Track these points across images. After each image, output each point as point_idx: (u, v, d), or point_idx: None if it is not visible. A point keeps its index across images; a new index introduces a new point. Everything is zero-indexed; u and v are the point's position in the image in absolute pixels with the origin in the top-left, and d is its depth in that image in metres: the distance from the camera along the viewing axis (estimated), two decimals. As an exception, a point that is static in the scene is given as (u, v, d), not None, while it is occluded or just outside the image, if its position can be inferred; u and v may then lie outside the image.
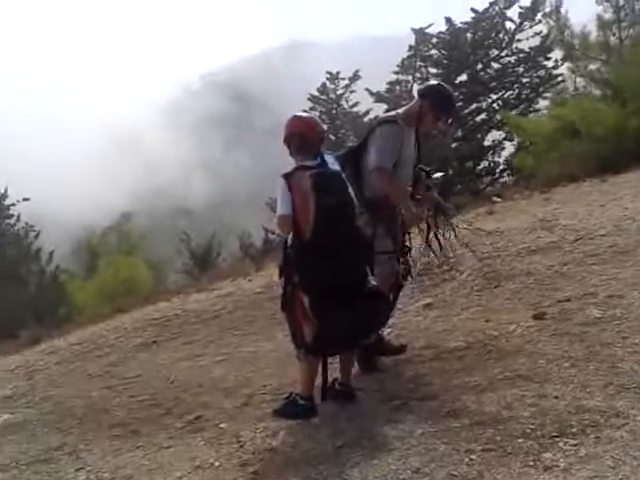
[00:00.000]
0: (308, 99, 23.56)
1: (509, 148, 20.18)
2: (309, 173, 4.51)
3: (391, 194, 5.02)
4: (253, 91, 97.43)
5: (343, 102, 23.69)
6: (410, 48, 21.96)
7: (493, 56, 20.99)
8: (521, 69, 20.77)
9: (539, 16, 19.96)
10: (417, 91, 5.69)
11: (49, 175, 67.54)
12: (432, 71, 21.44)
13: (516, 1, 20.89)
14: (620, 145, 12.08)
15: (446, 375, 4.72)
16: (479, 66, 20.93)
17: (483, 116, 20.73)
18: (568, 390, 3.94)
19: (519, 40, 20.80)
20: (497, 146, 20.49)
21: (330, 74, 23.80)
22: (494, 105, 20.72)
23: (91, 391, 6.52)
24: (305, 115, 5.07)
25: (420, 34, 21.71)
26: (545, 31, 19.62)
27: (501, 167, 20.41)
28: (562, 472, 3.17)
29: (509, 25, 20.97)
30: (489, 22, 21.10)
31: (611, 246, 6.49)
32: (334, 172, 4.64)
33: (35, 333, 11.84)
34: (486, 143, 20.62)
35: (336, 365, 4.79)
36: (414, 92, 20.24)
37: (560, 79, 19.77)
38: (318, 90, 23.69)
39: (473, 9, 21.29)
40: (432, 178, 5.50)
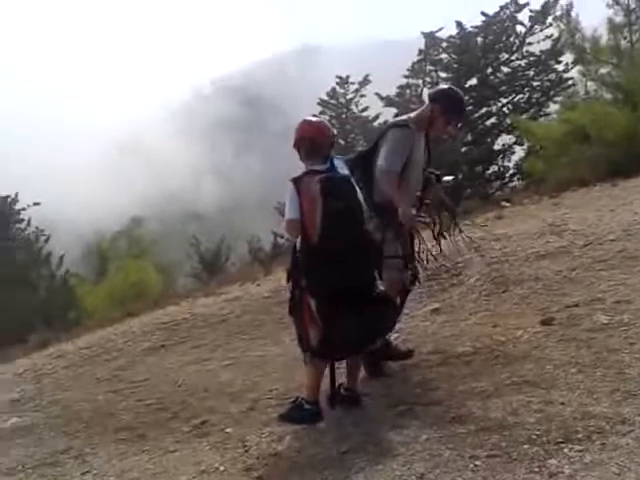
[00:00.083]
0: (318, 103, 23.57)
1: (519, 152, 20.16)
2: (318, 178, 4.50)
3: (394, 197, 4.99)
4: (264, 95, 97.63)
5: (353, 106, 23.68)
6: (420, 52, 21.99)
7: (503, 60, 20.97)
8: (531, 73, 20.73)
9: (550, 19, 19.94)
10: (428, 95, 5.68)
11: (60, 180, 67.88)
12: (442, 75, 21.44)
13: (527, 5, 20.88)
14: (631, 149, 12.03)
15: (453, 380, 4.70)
16: (489, 70, 20.91)
17: (493, 120, 20.70)
18: (574, 396, 3.92)
19: (530, 44, 20.78)
20: (507, 150, 20.46)
21: (340, 78, 23.82)
22: (504, 109, 20.69)
23: (98, 395, 6.54)
24: (315, 119, 5.04)
25: (430, 38, 21.73)
26: (556, 34, 19.59)
27: (511, 171, 20.37)
28: (567, 478, 3.16)
29: (520, 29, 20.96)
30: (499, 26, 21.08)
31: (620, 251, 6.45)
32: (343, 177, 4.62)
33: (44, 337, 11.90)
34: (496, 147, 20.59)
35: (342, 370, 4.78)
36: (424, 96, 20.21)
37: (571, 83, 19.72)
38: (328, 94, 23.70)
39: (483, 13, 21.32)
40: (442, 182, 5.50)
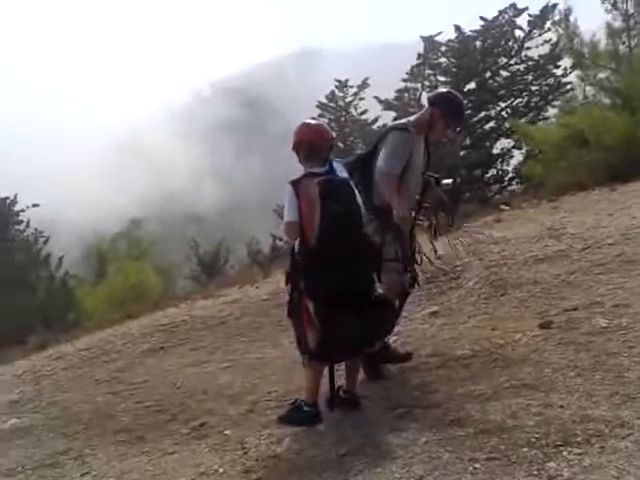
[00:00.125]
0: (317, 106, 23.58)
1: (518, 156, 20.18)
2: (317, 180, 4.51)
3: (391, 199, 4.99)
4: (264, 98, 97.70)
5: (352, 109, 23.72)
6: (419, 56, 22.02)
7: (502, 64, 21.00)
8: (530, 77, 20.77)
9: (548, 24, 19.89)
10: (427, 99, 5.69)
11: (60, 180, 67.95)
12: (441, 79, 21.48)
13: (525, 9, 20.93)
14: (629, 154, 12.06)
15: (451, 383, 4.71)
16: (488, 74, 20.94)
17: (492, 124, 20.73)
18: (573, 399, 3.93)
19: (528, 48, 20.81)
20: (506, 154, 20.49)
21: (339, 82, 23.84)
22: (503, 113, 20.73)
23: (97, 396, 6.54)
24: (314, 122, 5.05)
25: (429, 42, 21.78)
26: (554, 39, 19.55)
27: (510, 175, 20.40)
28: (566, 481, 3.17)
29: (518, 33, 21.00)
30: (498, 30, 21.11)
31: (618, 255, 6.47)
32: (342, 180, 4.63)
33: (43, 339, 11.90)
34: (495, 151, 20.62)
35: (342, 372, 4.78)
36: (423, 100, 20.20)
37: (569, 87, 19.71)
38: (327, 97, 23.72)
39: (482, 17, 21.36)
40: (441, 185, 5.52)
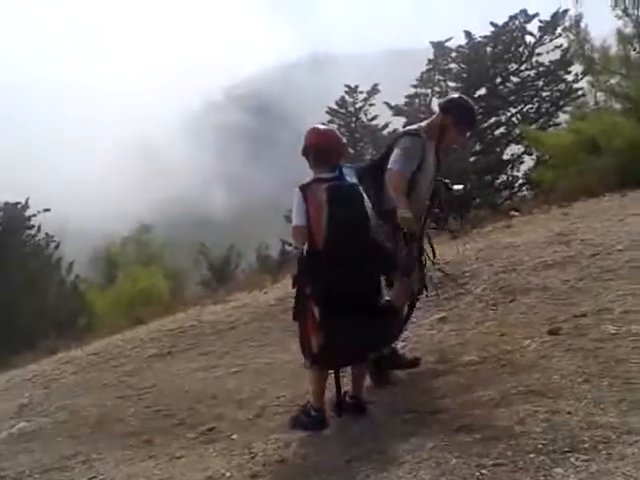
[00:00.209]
0: (327, 112, 23.60)
1: (528, 162, 20.15)
2: (325, 186, 4.52)
3: (397, 201, 4.96)
4: (274, 103, 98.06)
5: (362, 115, 23.72)
6: (429, 62, 22.07)
7: (512, 70, 21.00)
8: (541, 83, 20.76)
9: (559, 30, 19.91)
10: (438, 105, 5.68)
11: (70, 184, 68.43)
12: (451, 85, 21.50)
13: (536, 15, 20.92)
14: (640, 159, 12.00)
15: (459, 389, 4.70)
16: (498, 80, 20.94)
17: (502, 130, 20.72)
18: (581, 406, 3.90)
19: (539, 54, 20.81)
20: (516, 160, 20.45)
21: (349, 87, 23.86)
22: (513, 119, 20.72)
23: (106, 401, 6.56)
24: (323, 127, 5.05)
25: (439, 48, 21.82)
26: (565, 45, 19.54)
27: (520, 181, 20.36)
28: (573, 487, 3.16)
29: (529, 39, 21.01)
30: (509, 36, 21.12)
31: (628, 261, 6.42)
32: (350, 185, 4.63)
33: (53, 343, 11.96)
34: (505, 157, 20.59)
35: (349, 378, 4.78)
36: (433, 106, 20.14)
37: (580, 93, 19.71)
38: (337, 103, 23.75)
39: (492, 23, 21.35)
40: (452, 190, 5.52)
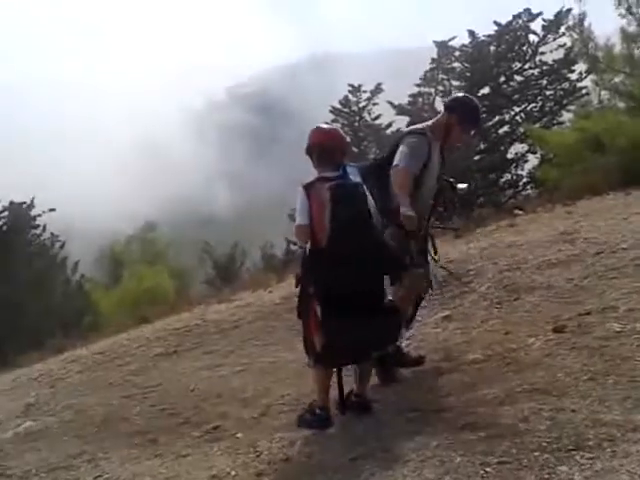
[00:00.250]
0: (330, 111, 23.58)
1: (532, 161, 20.13)
2: (328, 185, 4.54)
3: (400, 197, 4.96)
4: (278, 102, 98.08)
5: (365, 114, 23.70)
6: (433, 61, 22.03)
7: (516, 69, 20.99)
8: (545, 82, 20.74)
9: (563, 29, 19.88)
10: (443, 104, 5.70)
11: (74, 183, 68.59)
12: (455, 84, 21.48)
13: (540, 14, 20.89)
14: (645, 158, 11.96)
15: (464, 387, 4.70)
16: (502, 79, 20.94)
17: (506, 129, 20.72)
18: (586, 404, 3.90)
19: (542, 53, 20.79)
20: (520, 159, 20.44)
21: (352, 86, 23.84)
22: (517, 117, 20.70)
23: (111, 400, 6.58)
24: (327, 126, 5.08)
25: (443, 47, 21.79)
26: (569, 44, 19.51)
27: (524, 180, 20.35)
28: (577, 485, 3.16)
29: (532, 38, 21.00)
30: (512, 35, 21.11)
31: (633, 259, 6.40)
32: (354, 184, 4.64)
33: (59, 342, 11.99)
34: (509, 156, 20.58)
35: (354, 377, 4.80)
36: (436, 105, 20.07)
37: (584, 92, 19.68)
38: (340, 102, 23.73)
39: (496, 22, 21.32)
40: (456, 189, 5.53)
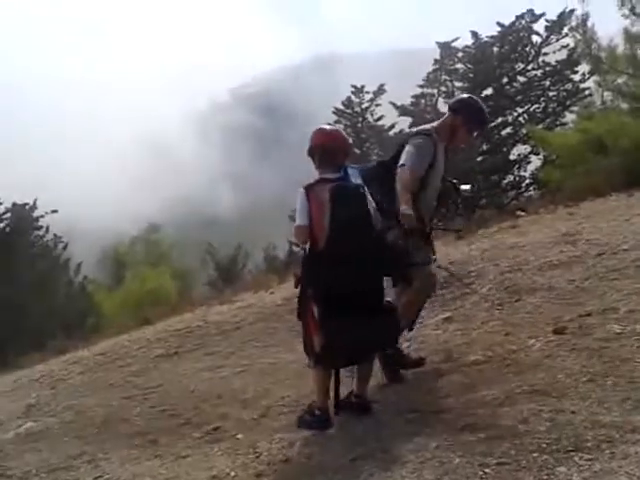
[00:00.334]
0: (333, 112, 23.63)
1: (535, 162, 20.12)
2: (329, 186, 4.54)
3: (401, 195, 4.94)
4: (281, 104, 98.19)
5: (368, 115, 23.72)
6: (435, 62, 22.04)
7: (519, 70, 21.00)
8: (547, 82, 20.75)
9: (566, 29, 19.87)
10: (448, 106, 5.69)
11: (78, 184, 68.78)
12: (457, 85, 21.52)
13: (543, 15, 20.89)
14: (647, 159, 11.94)
15: (464, 388, 4.69)
16: (505, 80, 20.94)
17: (509, 130, 20.73)
18: (585, 405, 3.90)
19: (545, 54, 20.80)
20: (523, 160, 20.43)
21: (355, 87, 23.86)
22: (520, 119, 20.70)
23: (112, 401, 6.59)
24: (329, 128, 5.07)
25: (446, 48, 21.82)
26: (572, 44, 19.49)
27: (527, 181, 20.33)
28: (576, 486, 3.15)
29: (535, 39, 21.01)
30: (515, 36, 21.12)
31: (634, 261, 6.40)
32: (354, 186, 4.64)
33: (61, 344, 12.02)
34: (512, 157, 20.57)
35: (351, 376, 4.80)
36: (439, 106, 20.05)
37: (587, 93, 19.68)
38: (343, 103, 23.76)
39: (499, 23, 21.34)
40: (460, 190, 5.53)
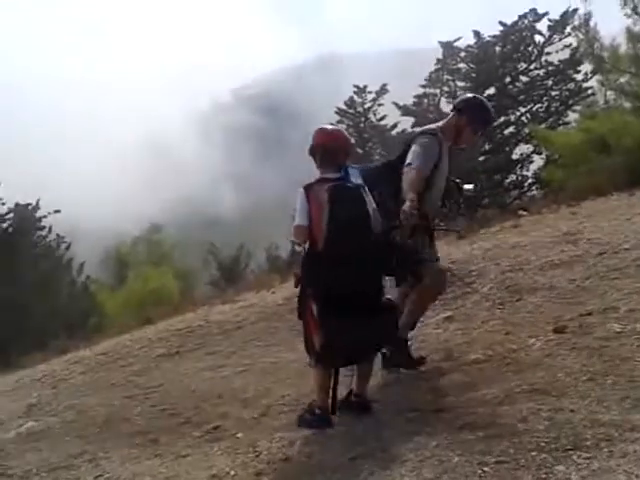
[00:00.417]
0: (335, 112, 23.63)
1: (538, 161, 20.11)
2: (327, 186, 4.55)
3: (407, 194, 4.90)
4: (283, 104, 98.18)
5: (371, 115, 23.71)
6: (438, 61, 22.04)
7: (522, 69, 21.00)
8: (550, 82, 20.75)
9: (568, 29, 19.88)
10: (453, 105, 5.68)
11: (80, 184, 68.91)
12: (460, 84, 21.52)
13: (545, 14, 20.88)
14: (650, 159, 11.93)
15: (464, 387, 4.70)
16: (508, 79, 20.95)
17: (511, 129, 20.73)
18: (584, 404, 3.90)
19: (548, 53, 20.80)
20: (525, 159, 20.42)
21: (357, 87, 23.86)
22: (523, 118, 20.71)
23: (113, 400, 6.59)
24: (330, 127, 5.07)
25: (448, 47, 21.82)
26: (574, 44, 19.50)
27: (529, 181, 20.32)
28: (574, 485, 3.15)
29: (538, 38, 21.02)
30: (518, 35, 21.12)
31: (635, 260, 6.39)
32: (354, 186, 4.64)
33: (63, 343, 12.03)
34: (514, 156, 20.57)
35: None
36: (442, 105, 19.99)
37: (590, 92, 19.66)
38: (345, 103, 23.76)
39: (502, 22, 21.33)
40: (463, 190, 5.53)
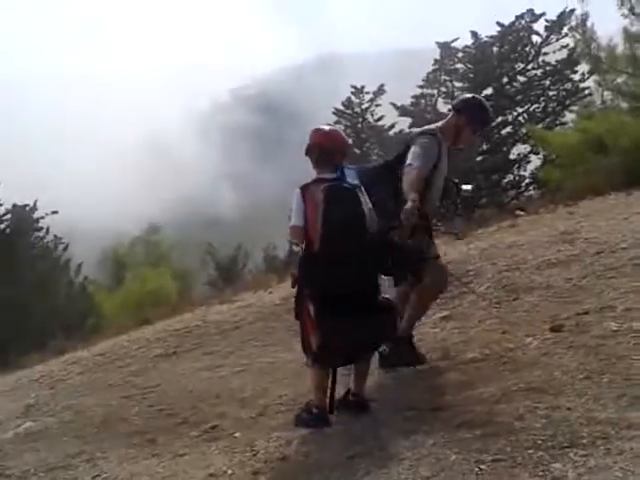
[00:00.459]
0: (333, 113, 23.66)
1: (535, 161, 20.16)
2: (323, 186, 4.55)
3: (408, 194, 4.91)
4: (281, 104, 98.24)
5: (368, 116, 23.73)
6: (435, 62, 22.07)
7: (519, 69, 21.05)
8: (547, 82, 20.80)
9: (565, 29, 19.91)
10: (452, 106, 5.69)
11: (78, 184, 68.92)
12: (457, 85, 21.57)
13: (542, 15, 20.92)
14: (647, 158, 11.96)
15: (461, 386, 4.71)
16: (505, 79, 20.99)
17: (509, 129, 20.77)
18: (581, 402, 3.91)
19: (545, 53, 20.86)
20: (523, 159, 20.46)
21: (355, 88, 23.88)
22: (520, 118, 20.74)
23: (111, 400, 6.59)
24: (327, 128, 5.05)
25: (445, 48, 21.85)
26: (571, 44, 19.50)
27: (527, 181, 20.36)
28: (570, 482, 3.16)
29: (535, 38, 21.08)
30: (515, 35, 21.17)
31: (631, 259, 6.41)
32: (349, 186, 4.64)
33: (61, 344, 12.03)
34: (512, 156, 20.60)
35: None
36: (439, 106, 20.05)
37: (587, 92, 19.71)
38: (343, 104, 23.78)
39: (499, 23, 21.37)
40: (461, 190, 5.54)
